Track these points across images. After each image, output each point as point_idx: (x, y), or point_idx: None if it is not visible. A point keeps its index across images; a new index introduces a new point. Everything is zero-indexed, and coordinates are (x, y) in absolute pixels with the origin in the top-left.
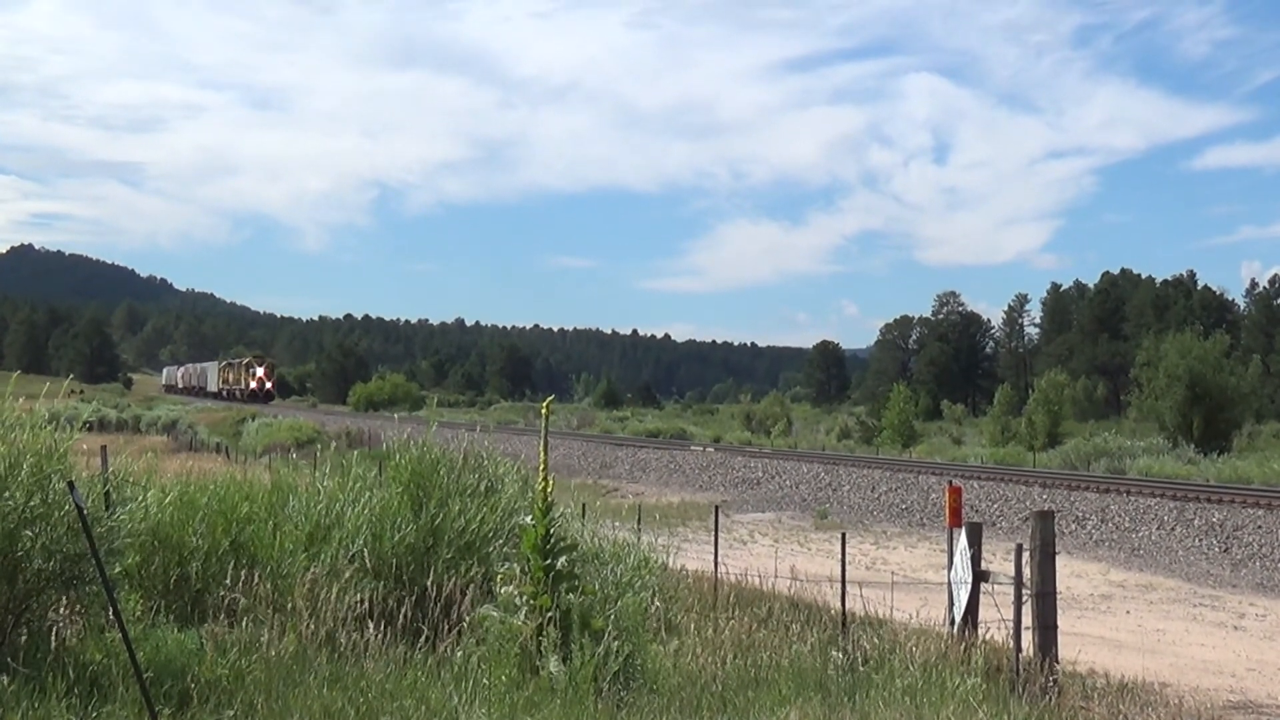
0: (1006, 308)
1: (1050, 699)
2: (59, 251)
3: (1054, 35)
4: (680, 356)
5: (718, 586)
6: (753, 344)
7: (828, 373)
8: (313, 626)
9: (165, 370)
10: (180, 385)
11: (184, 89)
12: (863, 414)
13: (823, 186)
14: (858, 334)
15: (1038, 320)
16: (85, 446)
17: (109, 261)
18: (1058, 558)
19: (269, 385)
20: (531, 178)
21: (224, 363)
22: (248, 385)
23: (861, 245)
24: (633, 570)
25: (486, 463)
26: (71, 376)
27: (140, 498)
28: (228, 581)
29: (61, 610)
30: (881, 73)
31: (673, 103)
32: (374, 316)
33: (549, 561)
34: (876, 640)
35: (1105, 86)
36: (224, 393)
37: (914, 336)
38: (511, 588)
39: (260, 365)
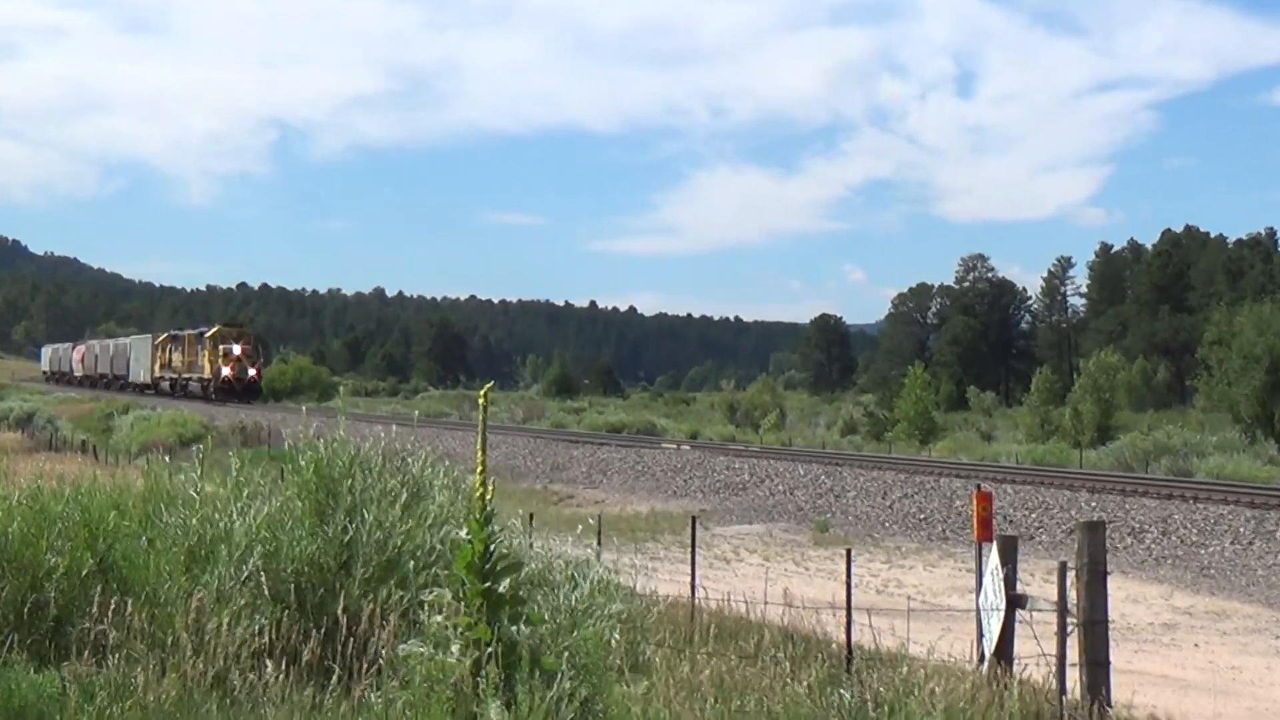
0: (1046, 274)
1: None
2: None
3: None
4: (648, 333)
5: (695, 615)
6: (737, 318)
7: (828, 353)
8: (199, 665)
9: (48, 351)
10: (78, 373)
11: (40, 8)
12: (871, 403)
13: (821, 126)
14: (865, 306)
15: (1084, 289)
16: None
17: None
18: (1110, 578)
19: (253, 372)
20: (464, 116)
21: (165, 336)
22: (215, 372)
23: (869, 197)
24: (591, 595)
25: (411, 464)
26: None
27: None
28: (93, 610)
29: None
30: None
31: (637, 23)
32: (274, 285)
33: (489, 585)
34: (889, 679)
35: (1164, 4)
36: (164, 384)
37: (933, 309)
38: (442, 617)
39: (237, 341)
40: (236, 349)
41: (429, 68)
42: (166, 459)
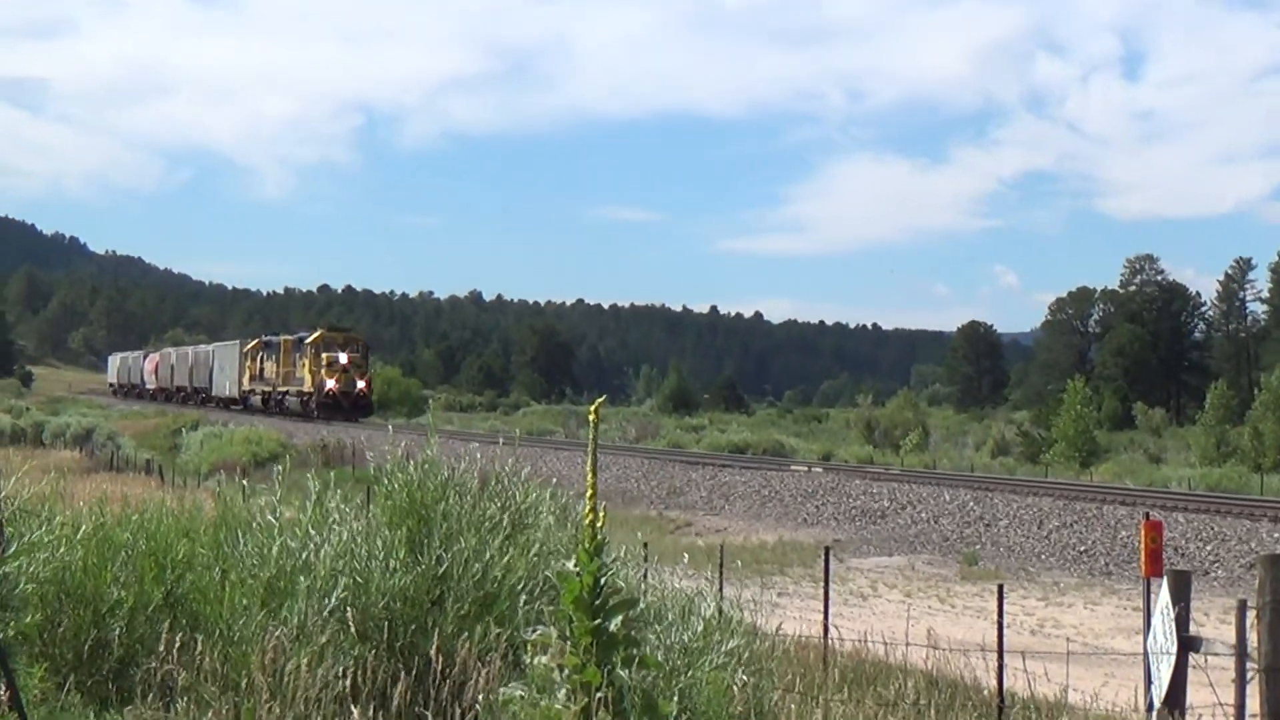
0: (1223, 277)
1: None
2: None
3: None
4: (776, 343)
5: (828, 657)
6: (875, 326)
7: (977, 365)
8: (277, 710)
9: (115, 360)
10: (151, 385)
11: None
12: (1026, 422)
13: (971, 111)
14: (1018, 313)
15: (1265, 294)
16: None
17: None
18: None
19: (362, 384)
20: (571, 99)
21: (256, 342)
22: (317, 385)
23: (1024, 191)
24: (709, 634)
25: (512, 487)
26: None
27: (42, 533)
28: (161, 648)
29: None
30: None
31: None
32: (359, 288)
33: (599, 622)
34: None
35: None
36: (255, 398)
37: (1095, 316)
38: (547, 658)
39: (343, 347)
40: (343, 357)
41: (532, 46)
42: (241, 481)
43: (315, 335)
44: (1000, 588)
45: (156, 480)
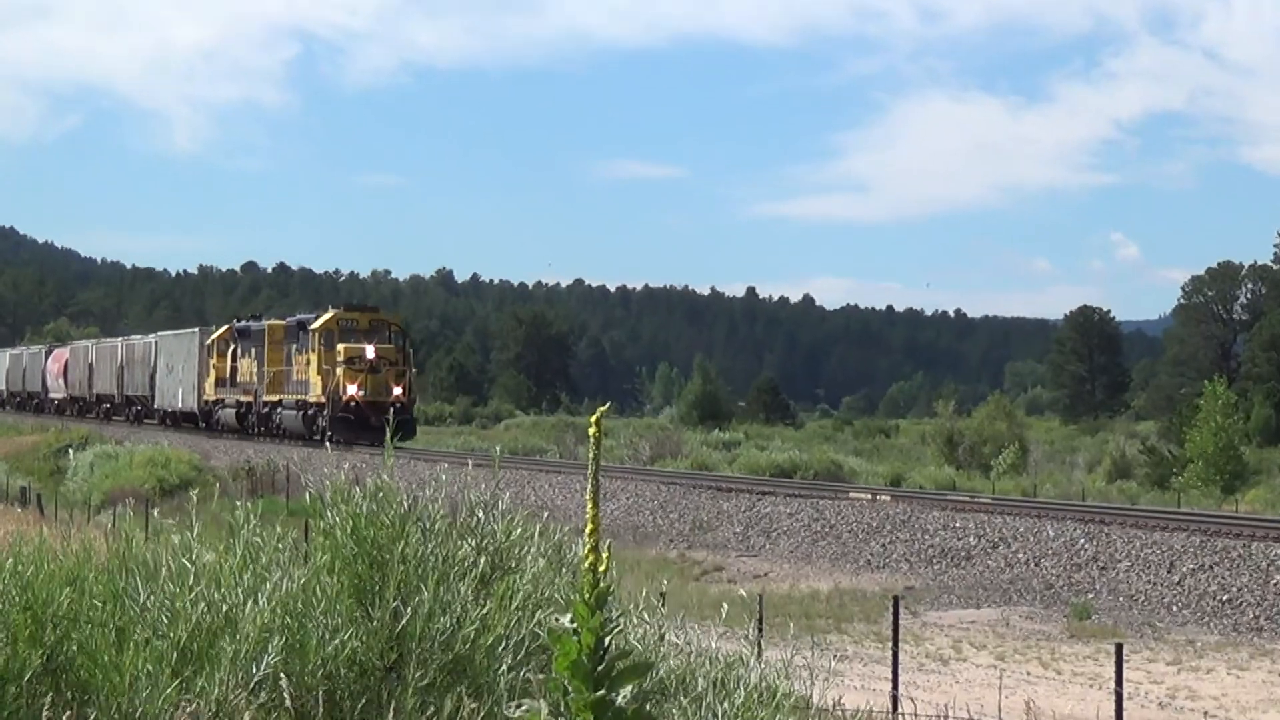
0: None
1: None
2: None
3: None
4: (830, 334)
5: None
6: (959, 312)
7: (1090, 363)
8: None
9: (4, 360)
10: (58, 394)
11: None
12: (1152, 435)
13: (1078, 36)
14: (1142, 295)
15: None
16: None
17: None
18: None
19: (398, 391)
20: (568, 22)
21: (224, 329)
22: (331, 392)
23: (1148, 138)
24: (748, 706)
25: (491, 521)
26: None
27: None
28: None
29: None
30: None
31: None
32: (295, 267)
33: (602, 694)
34: None
35: None
36: (224, 411)
37: (1242, 299)
38: None
39: (369, 336)
40: (370, 350)
41: None
42: (134, 508)
43: (326, 318)
44: (1119, 648)
45: (34, 513)
